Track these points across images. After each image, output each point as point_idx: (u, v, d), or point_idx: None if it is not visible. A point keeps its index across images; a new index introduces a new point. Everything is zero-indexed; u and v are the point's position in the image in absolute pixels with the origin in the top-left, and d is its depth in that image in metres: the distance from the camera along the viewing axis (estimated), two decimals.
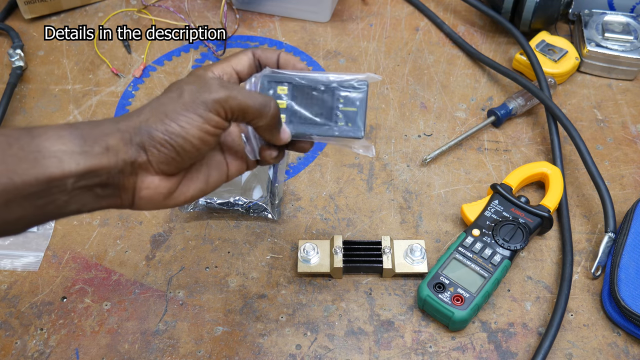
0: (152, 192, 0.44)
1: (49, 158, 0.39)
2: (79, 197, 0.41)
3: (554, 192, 0.67)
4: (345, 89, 0.49)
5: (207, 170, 0.48)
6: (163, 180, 0.44)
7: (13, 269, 0.66)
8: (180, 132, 0.42)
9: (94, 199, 0.42)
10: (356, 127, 0.49)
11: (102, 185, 0.41)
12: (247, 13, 0.93)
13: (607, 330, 0.61)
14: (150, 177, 0.43)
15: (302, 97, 0.49)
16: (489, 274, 0.61)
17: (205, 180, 0.48)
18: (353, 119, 0.49)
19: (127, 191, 0.43)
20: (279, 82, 0.49)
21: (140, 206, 0.45)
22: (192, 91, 0.43)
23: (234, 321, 0.62)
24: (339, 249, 0.64)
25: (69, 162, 0.39)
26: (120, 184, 0.42)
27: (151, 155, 0.42)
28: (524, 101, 0.78)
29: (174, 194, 0.46)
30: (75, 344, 0.60)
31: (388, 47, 0.89)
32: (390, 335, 0.61)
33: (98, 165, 0.40)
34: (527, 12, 0.83)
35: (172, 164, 0.43)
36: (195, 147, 0.43)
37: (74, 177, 0.39)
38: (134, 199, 0.44)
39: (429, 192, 0.72)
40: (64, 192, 0.39)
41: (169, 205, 0.46)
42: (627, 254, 0.62)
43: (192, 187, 0.47)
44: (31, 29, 0.91)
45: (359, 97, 0.49)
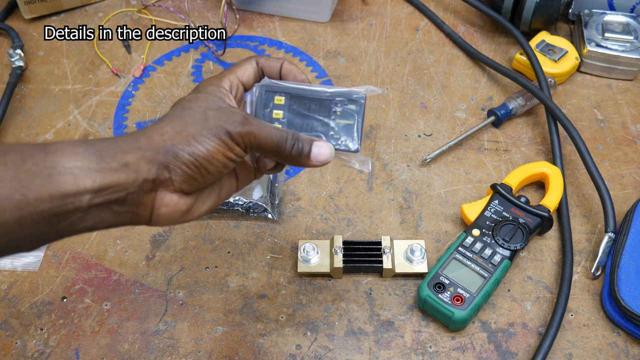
0: (171, 209, 0.44)
1: (63, 174, 0.38)
2: (95, 214, 0.40)
3: (554, 192, 0.67)
4: (343, 102, 0.48)
5: (219, 184, 0.48)
6: (182, 197, 0.44)
7: (13, 269, 0.66)
8: (207, 155, 0.43)
9: (110, 216, 0.41)
10: (352, 141, 0.48)
11: (119, 202, 0.41)
12: (247, 13, 0.93)
13: (607, 330, 0.61)
14: (169, 194, 0.43)
15: (299, 108, 0.49)
16: (489, 274, 0.61)
17: (218, 193, 0.48)
18: (349, 132, 0.48)
19: (145, 208, 0.43)
20: (277, 93, 0.49)
21: (158, 222, 0.45)
22: (217, 119, 0.44)
23: (234, 321, 0.62)
24: (339, 249, 0.64)
25: (84, 179, 0.39)
26: (139, 201, 0.42)
27: (175, 175, 0.42)
28: (524, 101, 0.78)
29: (191, 210, 0.46)
30: (75, 344, 0.60)
31: (388, 47, 0.89)
32: (390, 335, 0.61)
33: (115, 182, 0.40)
34: (527, 12, 0.83)
35: (193, 183, 0.44)
36: (217, 170, 0.44)
37: (89, 194, 0.39)
38: (152, 216, 0.44)
39: (429, 192, 0.72)
40: (79, 209, 0.39)
41: (185, 221, 0.46)
42: (627, 254, 0.62)
43: (207, 202, 0.47)
44: (31, 29, 0.91)
45: (356, 110, 0.48)
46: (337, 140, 0.49)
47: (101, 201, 0.40)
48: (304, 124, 0.49)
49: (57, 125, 0.79)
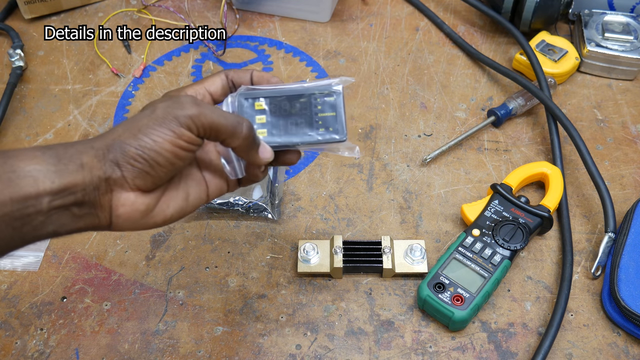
0: (129, 209, 0.43)
1: (23, 178, 0.39)
2: (56, 218, 0.40)
3: (554, 192, 0.67)
4: (322, 95, 0.50)
5: (185, 188, 0.48)
6: (139, 196, 0.44)
7: (13, 269, 0.66)
8: (153, 146, 0.42)
9: (71, 219, 0.41)
10: (337, 131, 0.49)
11: (78, 204, 0.41)
12: (247, 13, 0.94)
13: (607, 330, 0.61)
14: (126, 193, 0.43)
15: (281, 109, 0.50)
16: (489, 274, 0.61)
17: (184, 198, 0.47)
18: (333, 123, 0.50)
19: (103, 209, 0.43)
20: (256, 98, 0.49)
21: (119, 225, 0.44)
22: (164, 107, 0.43)
23: (234, 321, 0.62)
24: (339, 249, 0.64)
25: (43, 181, 0.39)
26: (97, 201, 0.42)
27: (125, 171, 0.42)
28: (524, 101, 0.78)
29: (152, 212, 0.45)
30: (75, 344, 0.61)
31: (388, 47, 0.89)
32: (390, 335, 0.61)
33: (72, 183, 0.40)
34: (527, 12, 0.83)
35: (147, 178, 0.43)
36: (169, 162, 0.43)
37: (49, 196, 0.39)
38: (112, 218, 0.43)
39: (429, 192, 0.72)
40: (40, 212, 0.39)
41: (149, 225, 0.45)
42: (627, 254, 0.62)
43: (172, 205, 0.46)
44: (31, 29, 0.91)
45: (335, 102, 0.50)
46: (323, 132, 0.49)
47: (61, 203, 0.40)
48: (288, 124, 0.50)
49: (57, 125, 0.79)
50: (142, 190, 0.44)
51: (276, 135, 0.49)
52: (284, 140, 0.50)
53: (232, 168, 0.49)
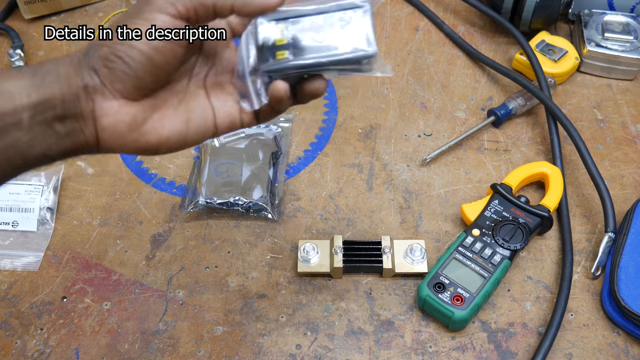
0: (112, 119, 0.40)
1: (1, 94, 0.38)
2: (41, 137, 0.39)
3: (554, 192, 0.67)
4: (348, 10, 0.45)
5: (186, 110, 0.44)
6: (124, 105, 0.41)
7: (13, 269, 0.66)
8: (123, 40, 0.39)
9: (56, 138, 0.40)
10: (367, 43, 0.44)
11: (59, 118, 0.39)
12: None
13: (607, 330, 0.61)
14: (108, 102, 0.40)
15: (304, 28, 0.45)
16: (489, 274, 0.61)
17: (184, 121, 0.43)
18: (360, 37, 0.44)
19: (87, 122, 0.40)
20: (277, 20, 0.44)
21: (106, 141, 0.41)
22: (138, 3, 0.41)
23: (234, 321, 0.62)
24: (339, 249, 0.64)
25: (20, 95, 0.38)
26: (78, 113, 0.40)
27: (102, 75, 0.40)
28: (524, 101, 0.78)
29: (142, 127, 0.42)
30: (75, 343, 0.60)
31: (388, 47, 0.89)
32: (390, 335, 0.61)
33: (50, 94, 0.39)
34: (527, 12, 0.83)
35: (126, 81, 0.40)
36: (146, 57, 0.40)
37: (27, 110, 0.38)
38: (97, 132, 0.41)
39: (429, 192, 0.72)
40: (21, 129, 0.38)
41: (141, 144, 0.42)
42: (627, 254, 0.62)
43: (167, 125, 0.43)
44: (31, 29, 0.91)
45: (363, 16, 0.45)
46: (350, 48, 0.44)
47: (41, 119, 0.39)
48: (312, 44, 0.44)
49: None
50: (125, 97, 0.41)
51: (299, 57, 0.44)
52: (308, 61, 0.44)
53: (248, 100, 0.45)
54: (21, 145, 0.39)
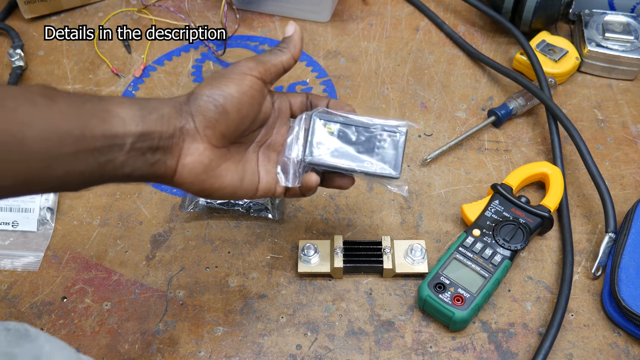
0: (195, 159, 0.48)
1: (115, 117, 0.44)
2: (133, 160, 0.45)
3: (555, 192, 0.67)
4: (387, 132, 0.54)
5: (243, 170, 0.52)
6: (207, 149, 0.48)
7: (13, 269, 0.66)
8: (221, 92, 0.48)
9: (144, 163, 0.46)
10: (394, 167, 0.53)
11: (153, 149, 0.46)
12: (247, 13, 0.93)
13: (607, 331, 0.61)
14: (196, 143, 0.48)
15: (347, 135, 0.54)
16: (490, 274, 0.61)
17: (240, 178, 0.51)
18: (391, 159, 0.53)
19: (173, 156, 0.47)
20: (329, 121, 0.54)
21: (182, 175, 0.48)
22: (232, 65, 0.51)
23: (234, 321, 0.62)
24: (339, 249, 0.64)
25: (130, 123, 0.44)
26: (169, 147, 0.46)
27: (197, 120, 0.47)
28: (524, 101, 0.78)
29: (214, 171, 0.49)
30: (75, 344, 0.60)
31: (388, 47, 0.89)
32: (391, 335, 0.61)
33: (152, 128, 0.45)
34: (528, 12, 0.83)
35: (216, 127, 0.48)
36: (236, 108, 0.48)
37: (132, 137, 0.44)
38: (178, 165, 0.47)
39: (430, 192, 0.72)
40: (122, 151, 0.44)
41: (207, 185, 0.49)
42: (627, 254, 0.62)
43: (229, 176, 0.50)
44: (31, 29, 0.91)
45: (398, 140, 0.54)
46: (380, 165, 0.53)
47: (140, 146, 0.45)
48: (350, 150, 0.54)
49: None
50: (209, 142, 0.48)
51: (337, 158, 0.54)
52: (343, 164, 0.53)
53: (285, 176, 0.54)
54: (116, 164, 0.44)
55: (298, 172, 0.53)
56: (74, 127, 0.42)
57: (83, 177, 0.43)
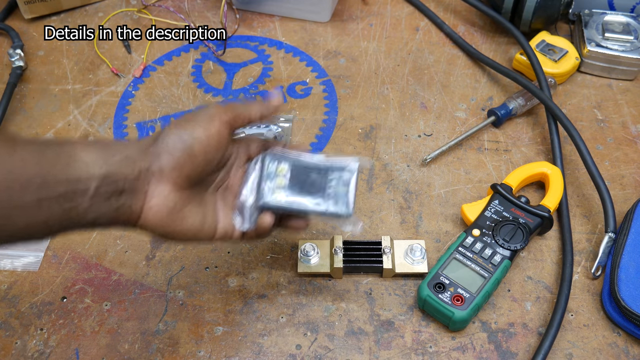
0: (160, 202, 0.47)
1: (78, 161, 0.43)
2: (97, 206, 0.44)
3: (554, 192, 0.67)
4: (338, 171, 0.54)
5: (204, 213, 0.51)
6: (172, 191, 0.48)
7: (13, 269, 0.66)
8: (190, 134, 0.48)
9: (108, 209, 0.45)
10: (346, 206, 0.53)
11: (118, 192, 0.45)
12: (247, 13, 0.93)
13: (607, 331, 0.61)
14: (161, 186, 0.47)
15: (300, 176, 0.54)
16: (489, 274, 0.61)
17: (202, 221, 0.51)
18: (343, 197, 0.53)
19: (138, 199, 0.46)
20: (280, 161, 0.54)
21: (147, 219, 0.47)
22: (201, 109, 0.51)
23: (234, 321, 0.62)
24: (339, 249, 0.64)
25: (93, 166, 0.43)
26: (134, 190, 0.46)
27: (164, 160, 0.47)
28: (524, 101, 0.78)
29: (178, 214, 0.48)
30: (75, 344, 0.60)
31: (388, 47, 0.89)
32: (391, 335, 0.61)
33: (117, 171, 0.45)
34: (527, 12, 0.83)
35: (182, 169, 0.48)
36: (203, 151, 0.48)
37: (96, 181, 0.43)
38: (143, 209, 0.47)
39: (429, 192, 0.72)
40: (86, 196, 0.43)
41: (170, 229, 0.48)
42: (627, 254, 0.62)
43: (191, 219, 0.50)
44: (31, 29, 0.91)
45: (349, 179, 0.54)
46: (332, 205, 0.53)
47: (104, 190, 0.44)
48: (302, 191, 0.54)
49: (57, 125, 0.79)
50: (176, 184, 0.48)
51: (290, 199, 0.53)
52: (296, 205, 0.53)
53: (241, 219, 0.53)
54: (80, 210, 0.43)
55: (253, 215, 0.53)
56: (35, 175, 0.41)
57: (47, 225, 0.42)
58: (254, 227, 0.53)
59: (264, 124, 0.77)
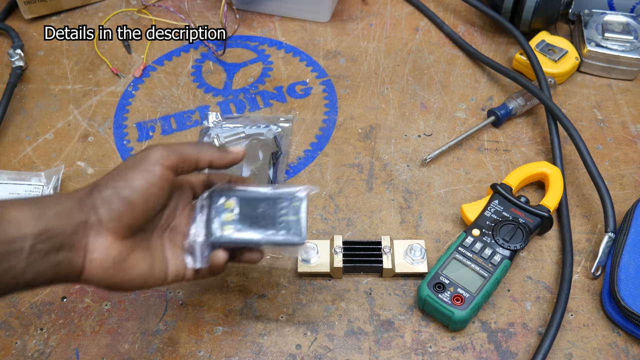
0: (103, 254, 0.45)
1: (8, 222, 0.42)
2: (35, 264, 0.42)
3: (554, 192, 0.67)
4: (287, 200, 0.54)
5: (152, 258, 0.50)
6: (114, 242, 0.46)
7: None
8: (127, 184, 0.46)
9: (47, 266, 0.43)
10: (298, 234, 0.53)
11: (56, 249, 0.43)
12: (247, 13, 0.94)
13: (607, 330, 0.61)
14: (101, 238, 0.45)
15: (249, 209, 0.54)
16: (489, 274, 0.61)
17: (150, 266, 0.49)
18: (295, 226, 0.53)
19: (78, 253, 0.44)
20: (228, 197, 0.54)
21: (90, 272, 0.45)
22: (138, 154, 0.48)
23: (234, 321, 0.62)
24: (339, 249, 0.64)
25: (26, 225, 0.42)
26: (73, 245, 0.44)
27: (102, 212, 0.45)
28: (524, 101, 0.78)
29: (123, 263, 0.47)
30: (75, 344, 0.61)
31: (388, 47, 0.89)
32: (390, 335, 0.61)
33: (52, 226, 0.43)
34: (527, 12, 0.83)
35: (121, 219, 0.46)
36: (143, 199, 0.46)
37: (30, 239, 0.42)
38: (85, 263, 0.45)
39: (429, 192, 0.72)
40: (21, 256, 0.41)
41: (117, 279, 0.47)
42: (627, 254, 0.62)
43: (138, 267, 0.48)
44: (31, 29, 0.91)
45: (299, 206, 0.53)
46: (284, 234, 0.53)
47: (40, 248, 0.42)
48: (253, 223, 0.53)
49: (57, 125, 0.79)
50: (117, 234, 0.46)
51: (241, 233, 0.53)
52: (247, 238, 0.53)
53: (193, 258, 0.52)
54: (16, 272, 0.41)
55: (205, 252, 0.52)
56: None
57: None
58: (207, 265, 0.52)
59: (264, 124, 0.77)
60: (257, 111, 0.81)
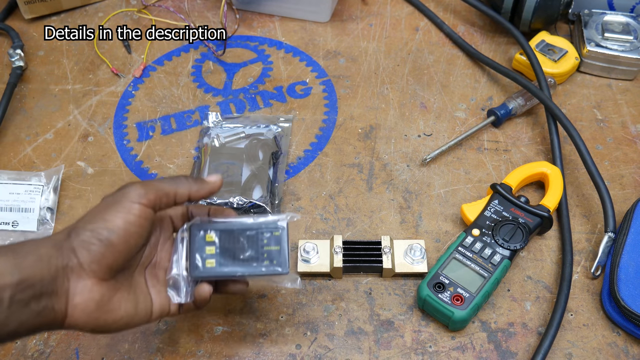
0: (85, 297, 0.44)
1: None
2: (16, 315, 0.41)
3: (554, 192, 0.67)
4: (268, 230, 0.54)
5: (135, 296, 0.49)
6: (96, 284, 0.45)
7: None
8: (106, 225, 0.45)
9: (29, 316, 0.42)
10: (281, 264, 0.53)
11: (37, 297, 0.42)
12: (247, 13, 0.94)
13: (606, 330, 0.61)
14: (83, 281, 0.45)
15: (230, 241, 0.53)
16: (489, 274, 0.61)
17: (134, 305, 0.49)
18: (277, 256, 0.53)
19: (60, 300, 0.44)
20: (207, 230, 0.53)
21: (74, 317, 0.45)
22: (115, 194, 0.48)
23: (234, 321, 0.62)
24: (338, 249, 0.64)
25: (4, 275, 0.41)
26: (54, 291, 0.43)
27: (81, 256, 0.44)
28: (524, 101, 0.78)
29: (107, 305, 0.46)
30: (75, 343, 0.61)
31: (388, 47, 0.89)
32: (390, 335, 0.61)
33: (30, 274, 0.42)
34: (527, 12, 0.83)
35: (102, 262, 0.45)
36: (122, 240, 0.45)
37: (9, 290, 0.41)
38: (68, 309, 0.44)
39: (429, 192, 0.72)
40: (2, 307, 0.40)
41: (101, 322, 0.46)
42: (626, 254, 0.62)
43: (123, 306, 0.47)
44: (31, 29, 0.91)
45: (280, 236, 0.54)
46: (267, 265, 0.53)
47: (20, 297, 0.41)
48: (235, 255, 0.53)
49: (57, 125, 0.79)
50: (98, 276, 0.45)
51: (223, 266, 0.53)
52: (230, 271, 0.53)
53: (177, 293, 0.52)
54: None
55: (189, 286, 0.52)
56: None
57: None
58: (192, 299, 0.52)
59: (264, 124, 0.77)
60: (257, 111, 0.81)
